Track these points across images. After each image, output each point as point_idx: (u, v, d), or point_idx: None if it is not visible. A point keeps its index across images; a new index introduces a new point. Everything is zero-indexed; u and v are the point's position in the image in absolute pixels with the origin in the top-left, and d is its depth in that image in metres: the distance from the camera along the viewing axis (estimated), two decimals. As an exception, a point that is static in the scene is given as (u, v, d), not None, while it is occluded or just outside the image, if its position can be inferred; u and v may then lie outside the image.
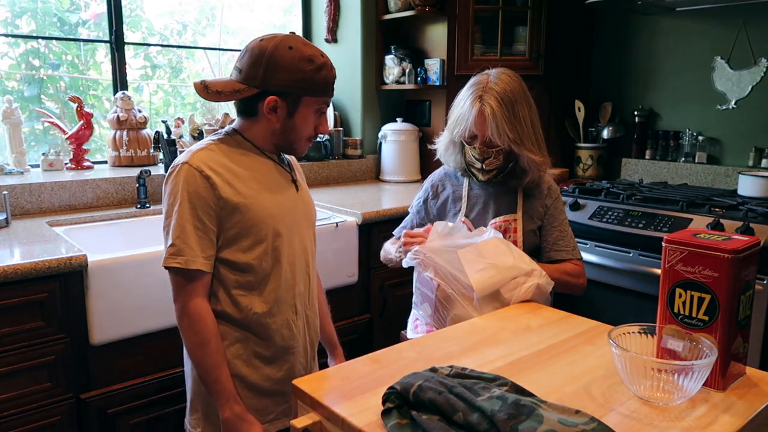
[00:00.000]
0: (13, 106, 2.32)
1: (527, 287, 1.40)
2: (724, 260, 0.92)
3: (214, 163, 1.31)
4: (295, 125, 1.36)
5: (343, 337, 2.31)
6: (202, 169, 1.29)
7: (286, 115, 1.34)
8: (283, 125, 1.36)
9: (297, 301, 1.42)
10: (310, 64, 1.30)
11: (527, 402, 0.80)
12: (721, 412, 0.89)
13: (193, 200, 1.27)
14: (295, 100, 1.33)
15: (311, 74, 1.30)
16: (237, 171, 1.33)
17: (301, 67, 1.29)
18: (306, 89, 1.32)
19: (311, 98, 1.34)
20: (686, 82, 2.86)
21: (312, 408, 0.94)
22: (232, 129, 1.41)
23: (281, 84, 1.30)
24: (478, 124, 1.56)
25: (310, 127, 1.38)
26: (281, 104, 1.32)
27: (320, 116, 1.39)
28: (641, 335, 0.99)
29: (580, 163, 3.08)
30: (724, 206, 2.24)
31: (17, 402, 1.61)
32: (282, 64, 1.29)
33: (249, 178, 1.35)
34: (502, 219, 1.63)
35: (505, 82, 1.57)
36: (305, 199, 1.49)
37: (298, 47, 1.30)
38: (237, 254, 1.33)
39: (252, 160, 1.38)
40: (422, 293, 1.55)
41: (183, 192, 1.28)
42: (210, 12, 3.07)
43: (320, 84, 1.33)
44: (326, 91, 1.36)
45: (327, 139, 3.05)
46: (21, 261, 1.57)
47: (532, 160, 1.58)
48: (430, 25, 3.02)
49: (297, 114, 1.34)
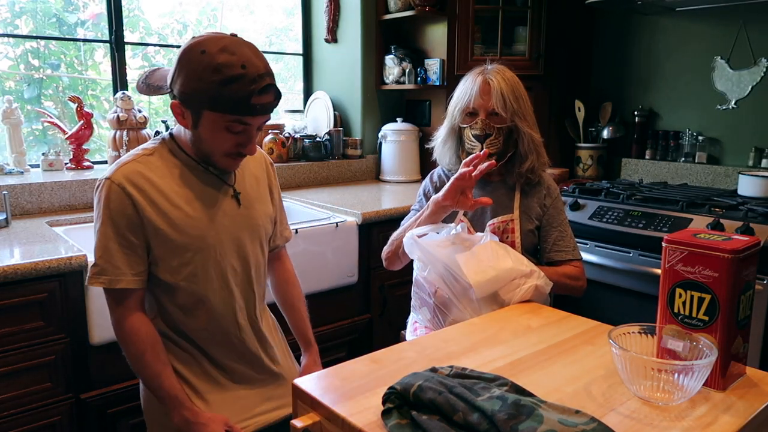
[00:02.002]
0: (13, 106, 2.32)
1: (526, 288, 1.40)
2: (724, 260, 0.92)
3: (139, 178, 1.24)
4: (202, 138, 1.23)
5: (343, 337, 2.32)
6: (125, 186, 1.22)
7: (192, 125, 1.22)
8: (194, 135, 1.24)
9: (239, 316, 1.37)
10: (217, 74, 1.13)
11: (527, 402, 0.80)
12: (721, 412, 0.89)
13: (115, 218, 1.23)
14: (195, 112, 1.19)
15: (214, 87, 1.14)
16: (162, 188, 1.25)
17: (203, 76, 1.14)
18: (204, 102, 1.16)
19: (213, 114, 1.18)
20: (686, 82, 2.86)
21: (312, 408, 0.94)
22: (170, 133, 1.32)
23: (181, 89, 1.18)
24: (483, 94, 1.56)
25: (223, 144, 1.23)
26: (186, 112, 1.21)
27: (237, 134, 1.21)
28: (641, 335, 0.99)
29: (580, 163, 3.08)
30: (724, 206, 2.24)
31: (17, 402, 1.61)
32: (187, 69, 1.16)
33: (176, 195, 1.26)
34: (499, 219, 1.63)
35: (505, 69, 1.61)
36: (248, 212, 1.37)
37: (212, 53, 1.14)
38: (165, 275, 1.28)
39: (183, 172, 1.28)
40: (420, 298, 1.55)
41: (105, 210, 1.23)
42: (211, 13, 3.07)
43: (224, 100, 1.15)
44: (235, 109, 1.16)
45: (327, 139, 3.06)
46: (21, 261, 1.57)
47: (532, 139, 1.59)
48: (430, 25, 3.02)
49: (200, 127, 1.21)
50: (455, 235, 1.48)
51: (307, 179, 2.98)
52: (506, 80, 1.57)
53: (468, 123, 1.60)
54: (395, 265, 1.71)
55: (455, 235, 1.48)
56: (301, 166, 2.95)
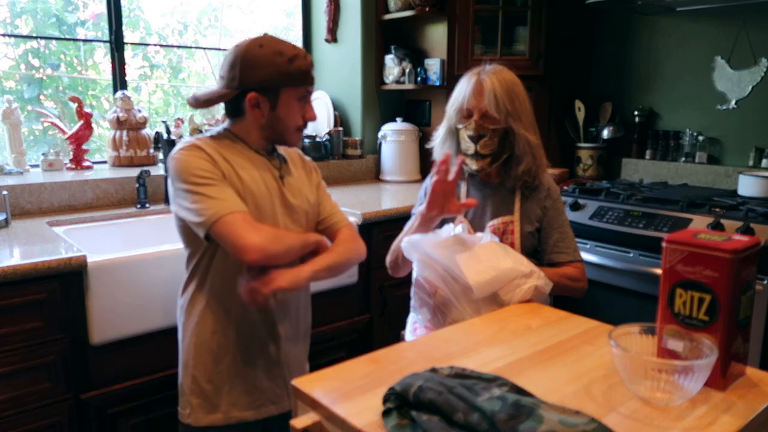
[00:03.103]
0: (13, 106, 2.32)
1: (525, 289, 1.39)
2: (724, 260, 0.92)
3: (209, 148, 1.39)
4: (280, 117, 1.42)
5: (343, 337, 2.32)
6: (203, 148, 1.38)
7: (270, 109, 1.41)
8: (269, 119, 1.42)
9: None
10: (282, 56, 1.37)
11: (527, 402, 0.80)
12: (721, 413, 0.88)
13: (200, 173, 1.36)
14: (274, 93, 1.39)
15: (285, 66, 1.37)
16: (230, 160, 1.41)
17: (273, 60, 1.36)
18: (282, 81, 1.38)
19: (290, 89, 1.40)
20: (686, 82, 2.86)
21: (312, 408, 0.94)
22: (223, 128, 1.48)
23: (258, 80, 1.37)
24: (476, 94, 1.56)
25: (296, 117, 1.44)
26: (262, 99, 1.39)
27: (305, 104, 1.44)
28: (641, 335, 0.99)
29: (580, 163, 3.08)
30: (725, 206, 2.24)
31: (17, 402, 1.61)
32: (255, 62, 1.36)
33: (240, 168, 1.42)
34: (499, 221, 1.62)
35: (502, 69, 1.60)
36: (290, 192, 1.51)
37: (268, 44, 1.38)
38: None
39: (243, 154, 1.45)
40: (420, 298, 1.55)
41: (186, 173, 1.36)
42: (212, 13, 3.07)
43: (295, 74, 1.39)
44: (304, 80, 1.41)
45: (327, 139, 3.05)
46: (21, 261, 1.57)
47: (528, 141, 1.58)
48: (429, 25, 3.02)
49: (279, 106, 1.41)
50: (455, 235, 1.47)
51: (307, 179, 2.98)
52: (501, 81, 1.56)
53: (463, 124, 1.60)
54: (400, 273, 1.69)
55: (455, 235, 1.47)
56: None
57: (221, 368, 1.47)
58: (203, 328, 1.47)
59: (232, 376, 1.48)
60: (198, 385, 1.48)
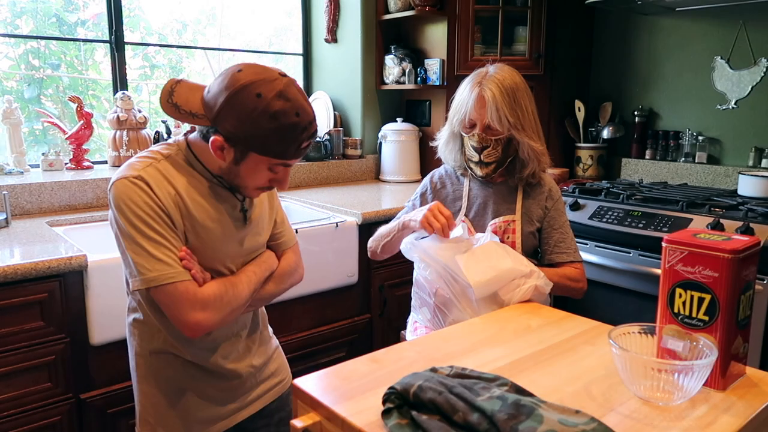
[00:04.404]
0: (13, 106, 2.32)
1: (525, 288, 1.40)
2: (724, 260, 0.92)
3: (158, 175, 1.20)
4: (241, 174, 1.21)
5: (343, 337, 2.32)
6: (147, 180, 1.18)
7: (233, 161, 1.19)
8: (229, 168, 1.21)
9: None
10: (273, 122, 1.13)
11: (527, 402, 0.80)
12: (721, 412, 0.89)
13: (139, 213, 1.17)
14: (242, 151, 1.17)
15: (267, 133, 1.13)
16: (180, 191, 1.22)
17: (258, 120, 1.12)
18: (255, 146, 1.16)
19: (260, 156, 1.17)
20: (686, 82, 2.86)
21: (312, 408, 0.94)
22: (185, 139, 1.28)
23: (230, 129, 1.14)
24: (478, 108, 1.55)
25: (259, 180, 1.23)
26: (228, 148, 1.17)
27: (276, 174, 1.23)
28: (641, 335, 0.99)
29: (580, 163, 3.08)
30: (724, 206, 2.24)
31: (17, 402, 1.61)
32: (238, 109, 1.13)
33: (191, 202, 1.23)
34: (501, 220, 1.63)
35: (505, 72, 1.58)
36: (254, 230, 1.35)
37: (269, 98, 1.12)
38: None
39: (197, 182, 1.25)
40: (420, 298, 1.55)
41: (126, 208, 1.17)
42: (211, 12, 3.07)
43: (276, 146, 1.16)
44: (282, 154, 1.18)
45: (327, 139, 3.06)
46: (21, 261, 1.57)
47: (532, 148, 1.58)
48: (430, 25, 3.02)
49: (243, 165, 1.19)
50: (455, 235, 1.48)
51: (307, 179, 2.98)
52: (503, 91, 1.53)
53: (467, 133, 1.60)
54: (378, 258, 1.75)
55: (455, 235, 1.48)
56: (301, 166, 2.95)
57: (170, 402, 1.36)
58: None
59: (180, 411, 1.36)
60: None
